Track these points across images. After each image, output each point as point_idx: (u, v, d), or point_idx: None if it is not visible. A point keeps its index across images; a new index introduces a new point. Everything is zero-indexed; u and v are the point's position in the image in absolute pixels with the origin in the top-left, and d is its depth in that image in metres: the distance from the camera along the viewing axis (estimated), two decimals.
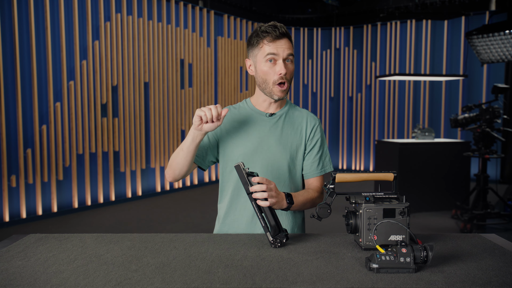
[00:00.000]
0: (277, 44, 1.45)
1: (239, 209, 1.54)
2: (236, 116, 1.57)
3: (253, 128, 1.54)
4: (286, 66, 1.47)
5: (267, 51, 1.46)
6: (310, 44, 8.79)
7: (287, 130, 1.55)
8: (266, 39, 1.46)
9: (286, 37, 1.47)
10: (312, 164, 1.57)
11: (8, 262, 1.17)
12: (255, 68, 1.52)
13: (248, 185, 1.29)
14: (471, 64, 7.44)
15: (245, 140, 1.53)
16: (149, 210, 5.52)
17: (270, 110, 1.57)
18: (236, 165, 1.30)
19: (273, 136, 1.53)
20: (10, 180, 4.63)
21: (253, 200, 1.29)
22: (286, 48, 1.46)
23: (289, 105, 1.61)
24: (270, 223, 1.28)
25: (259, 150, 1.52)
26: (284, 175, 1.53)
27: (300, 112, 1.60)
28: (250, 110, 1.58)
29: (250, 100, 1.61)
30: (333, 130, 8.80)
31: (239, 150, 1.53)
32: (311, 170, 1.57)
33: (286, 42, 1.47)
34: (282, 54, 1.46)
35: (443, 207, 5.12)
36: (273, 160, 1.52)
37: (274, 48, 1.45)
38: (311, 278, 1.04)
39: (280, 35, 1.45)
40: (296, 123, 1.57)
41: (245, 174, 1.30)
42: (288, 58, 1.47)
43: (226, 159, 1.56)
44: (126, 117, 5.91)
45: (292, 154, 1.54)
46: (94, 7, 5.51)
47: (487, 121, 4.35)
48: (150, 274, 1.07)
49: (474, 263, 1.15)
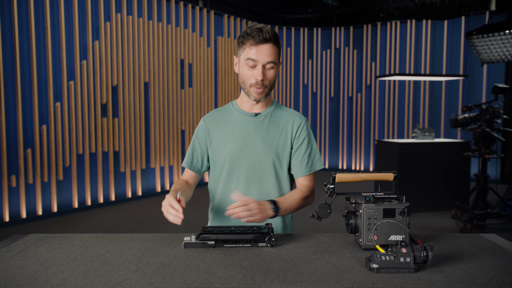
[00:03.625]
0: (259, 49, 1.44)
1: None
2: (221, 119, 1.59)
3: (238, 129, 1.55)
4: (264, 72, 1.46)
5: (248, 55, 1.46)
6: (310, 44, 8.79)
7: (272, 129, 1.55)
8: (249, 42, 1.45)
9: (270, 42, 1.45)
10: (301, 164, 1.56)
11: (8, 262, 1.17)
12: (239, 68, 1.53)
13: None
14: (471, 64, 7.44)
15: (231, 140, 1.54)
16: (149, 210, 5.52)
17: (255, 110, 1.57)
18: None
19: (258, 136, 1.54)
20: (10, 180, 4.63)
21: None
22: (268, 54, 1.44)
23: (275, 105, 1.61)
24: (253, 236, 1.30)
25: (244, 150, 1.53)
26: (270, 175, 1.53)
27: (286, 111, 1.61)
28: (235, 111, 1.59)
29: (236, 102, 1.62)
30: (333, 130, 8.80)
31: (225, 151, 1.54)
32: (300, 169, 1.56)
33: (269, 48, 1.45)
34: (262, 60, 1.45)
35: (443, 207, 5.12)
36: (259, 160, 1.53)
37: (254, 53, 1.44)
38: (311, 278, 1.04)
39: (263, 40, 1.43)
40: (281, 123, 1.57)
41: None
42: (268, 64, 1.46)
43: (215, 161, 1.58)
44: (126, 117, 5.91)
45: (278, 153, 1.54)
46: (94, 7, 5.51)
47: (487, 121, 4.34)
48: (150, 274, 1.07)
49: (474, 263, 1.15)
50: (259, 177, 1.53)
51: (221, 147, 1.55)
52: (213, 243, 1.27)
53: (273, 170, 1.53)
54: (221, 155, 1.55)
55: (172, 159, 6.64)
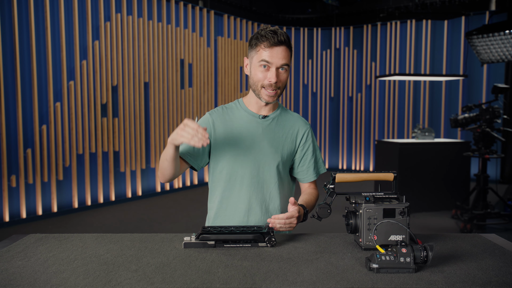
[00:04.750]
0: (273, 51, 1.44)
1: (230, 209, 1.55)
2: (229, 117, 1.58)
3: (246, 129, 1.55)
4: (278, 74, 1.46)
5: (262, 57, 1.45)
6: (310, 44, 8.79)
7: (279, 133, 1.56)
8: (263, 44, 1.45)
9: (284, 45, 1.45)
10: (308, 170, 1.61)
11: (8, 262, 1.17)
12: (250, 69, 1.52)
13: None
14: (471, 64, 7.44)
15: (238, 140, 1.54)
16: (149, 210, 5.52)
17: (262, 112, 1.57)
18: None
19: (265, 138, 1.54)
20: (10, 180, 4.63)
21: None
22: (282, 57, 1.45)
23: (281, 109, 1.62)
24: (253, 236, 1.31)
25: (251, 151, 1.53)
26: (274, 177, 1.54)
27: (292, 116, 1.62)
28: (243, 111, 1.58)
29: (242, 101, 1.61)
30: (333, 130, 8.80)
31: (231, 150, 1.53)
32: (307, 175, 1.61)
33: (283, 51, 1.45)
34: (276, 63, 1.45)
35: (443, 207, 5.12)
36: (264, 162, 1.53)
37: (269, 55, 1.44)
38: (311, 278, 1.04)
39: (277, 42, 1.44)
40: (287, 127, 1.58)
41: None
42: (282, 67, 1.46)
43: (218, 159, 1.56)
44: (126, 117, 5.91)
45: (283, 156, 1.55)
46: (94, 7, 5.51)
47: (487, 121, 4.34)
48: (150, 274, 1.07)
49: (474, 263, 1.15)
50: (263, 179, 1.53)
51: (225, 145, 1.54)
52: (213, 243, 1.27)
53: (277, 173, 1.54)
54: (225, 153, 1.54)
55: None
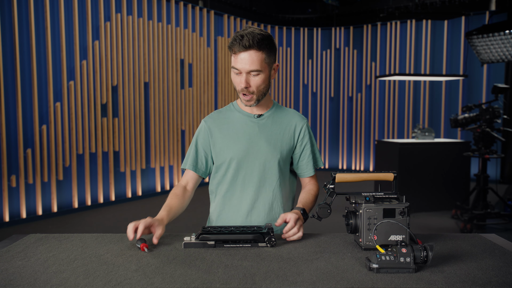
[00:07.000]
0: (240, 57, 1.42)
1: (232, 211, 1.56)
2: (223, 120, 1.58)
3: (242, 130, 1.55)
4: (248, 79, 1.44)
5: (233, 63, 1.45)
6: (310, 44, 8.78)
7: (275, 130, 1.56)
8: (234, 49, 1.43)
9: (251, 49, 1.39)
10: (307, 164, 1.61)
11: (8, 262, 1.17)
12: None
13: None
14: (471, 64, 7.44)
15: (235, 142, 1.54)
16: (149, 210, 5.51)
17: (256, 112, 1.57)
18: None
19: (263, 137, 1.54)
20: (10, 180, 4.63)
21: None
22: (249, 63, 1.40)
23: (275, 106, 1.62)
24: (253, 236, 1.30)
25: (250, 151, 1.53)
26: (276, 175, 1.55)
27: (288, 112, 1.61)
28: (237, 113, 1.58)
29: (236, 103, 1.61)
30: (333, 130, 8.80)
31: (230, 152, 1.54)
32: (307, 170, 1.61)
33: (251, 55, 1.40)
34: (244, 69, 1.42)
35: (443, 207, 5.12)
36: (265, 161, 1.53)
37: (237, 61, 1.43)
38: (311, 278, 1.04)
39: (243, 47, 1.39)
40: (283, 123, 1.58)
41: None
42: (252, 72, 1.43)
43: (218, 163, 1.57)
44: (126, 117, 5.91)
45: (282, 153, 1.55)
46: (94, 7, 5.51)
47: (487, 121, 4.34)
48: (150, 274, 1.07)
49: (474, 263, 1.15)
50: (265, 178, 1.54)
51: (225, 149, 1.55)
52: (213, 243, 1.27)
53: (279, 170, 1.55)
54: (225, 156, 1.54)
55: (172, 159, 6.64)
